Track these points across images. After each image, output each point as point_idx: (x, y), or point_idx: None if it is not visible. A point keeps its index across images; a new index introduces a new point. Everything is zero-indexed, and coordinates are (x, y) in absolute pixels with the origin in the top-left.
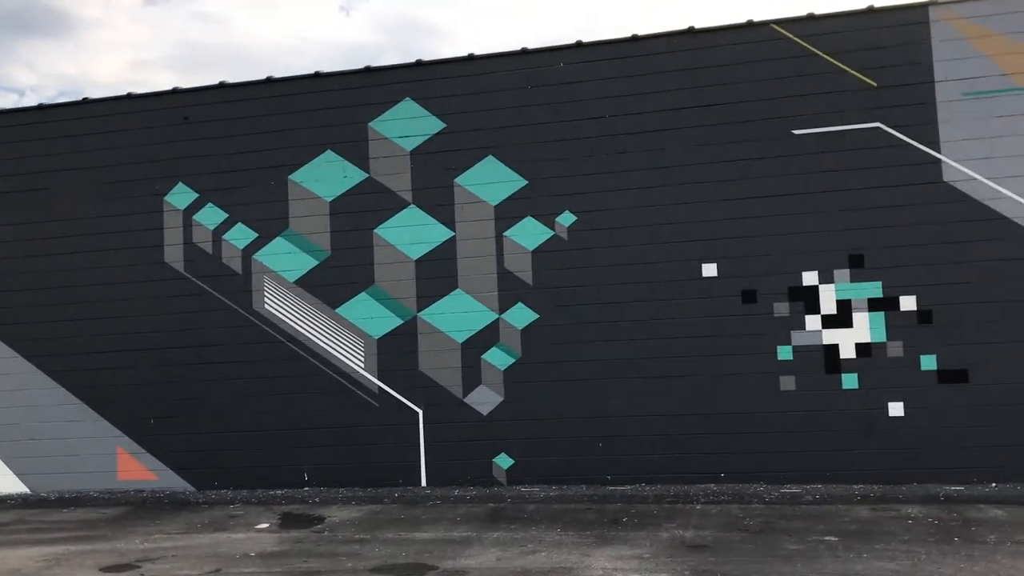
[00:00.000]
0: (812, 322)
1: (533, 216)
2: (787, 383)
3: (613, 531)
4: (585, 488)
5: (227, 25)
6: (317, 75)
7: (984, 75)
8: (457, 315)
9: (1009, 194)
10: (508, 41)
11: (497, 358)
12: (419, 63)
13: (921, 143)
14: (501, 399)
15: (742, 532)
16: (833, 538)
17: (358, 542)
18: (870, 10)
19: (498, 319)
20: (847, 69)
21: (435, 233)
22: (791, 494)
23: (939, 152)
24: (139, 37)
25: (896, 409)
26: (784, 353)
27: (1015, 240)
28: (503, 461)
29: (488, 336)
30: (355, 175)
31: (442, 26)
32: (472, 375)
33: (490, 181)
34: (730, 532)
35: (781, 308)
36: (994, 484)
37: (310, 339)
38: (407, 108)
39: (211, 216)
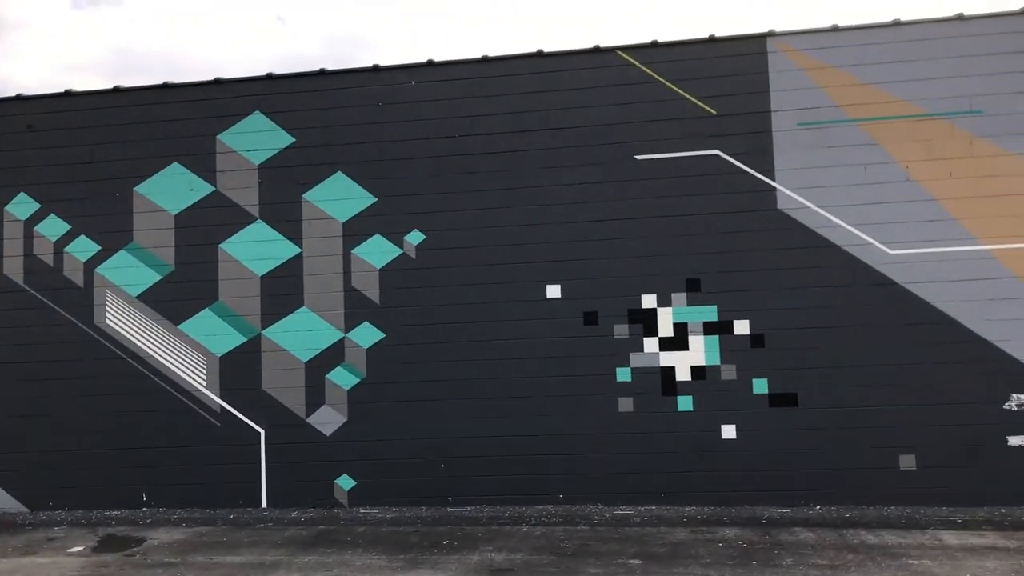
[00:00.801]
0: (650, 344)
1: (382, 234)
2: (625, 404)
3: (428, 554)
4: (425, 510)
5: (161, 31)
6: (166, 85)
7: (817, 106)
8: (302, 333)
9: (839, 222)
10: (444, 56)
11: (341, 378)
12: (269, 76)
13: (757, 171)
14: (344, 420)
15: (554, 555)
16: (637, 561)
17: (164, 566)
18: (711, 39)
19: (343, 338)
20: (688, 96)
21: (282, 249)
22: (622, 515)
23: (774, 180)
24: (70, 41)
25: (729, 431)
26: (623, 375)
27: (844, 267)
28: (345, 482)
29: (333, 355)
30: (202, 188)
31: (376, 42)
32: (316, 395)
33: (339, 197)
34: (542, 555)
35: (621, 330)
36: (818, 507)
37: (151, 356)
38: (256, 121)
39: (53, 227)
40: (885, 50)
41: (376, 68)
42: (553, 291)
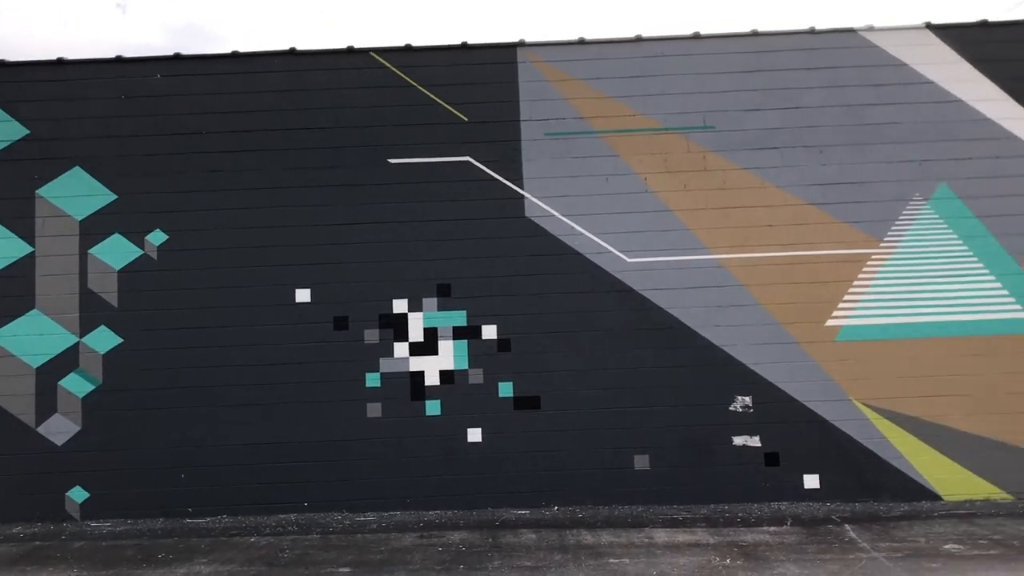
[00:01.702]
0: (400, 349)
1: (121, 233)
2: (374, 410)
3: (133, 569)
4: (162, 522)
5: None
6: None
7: (563, 117)
8: (33, 337)
9: (582, 231)
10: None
11: (75, 385)
12: (3, 63)
13: (506, 179)
14: (78, 428)
15: (265, 566)
16: (346, 570)
17: None
18: (464, 47)
19: (78, 343)
20: (441, 102)
21: (12, 248)
22: (362, 523)
23: (522, 188)
24: None
25: (475, 435)
26: (372, 380)
27: (586, 274)
28: (78, 495)
29: (66, 361)
30: None
31: (227, 35)
32: (47, 403)
33: (76, 194)
34: (252, 567)
35: (371, 335)
36: (556, 507)
37: None
38: None
39: None
40: (627, 65)
41: (120, 59)
42: (303, 295)
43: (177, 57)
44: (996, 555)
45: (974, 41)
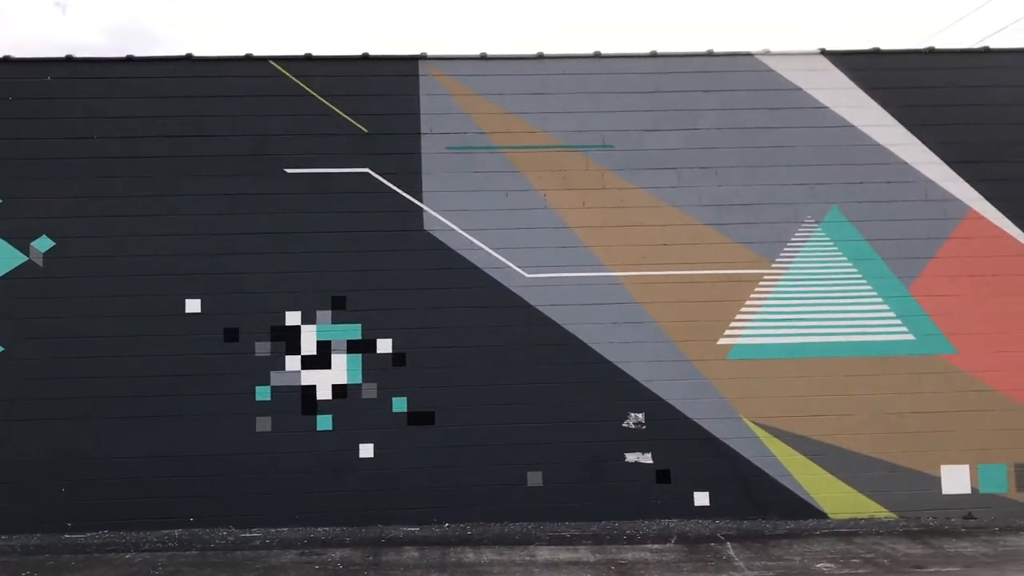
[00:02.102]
0: (292, 362)
1: (5, 238)
2: (263, 424)
3: None
4: (39, 537)
5: None
6: None
7: (465, 131)
8: None
9: (481, 245)
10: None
11: None
12: None
13: (406, 191)
14: None
15: None
16: None
17: None
18: (365, 57)
19: None
20: (340, 113)
21: None
22: (246, 539)
23: (421, 201)
24: None
25: (367, 450)
26: (262, 394)
27: (484, 289)
28: None
29: None
30: None
31: (168, 37)
32: None
33: None
34: None
35: (263, 348)
36: (447, 524)
37: None
38: None
39: None
40: (529, 82)
41: (8, 60)
42: (193, 306)
43: (69, 59)
44: (865, 573)
45: (867, 68)
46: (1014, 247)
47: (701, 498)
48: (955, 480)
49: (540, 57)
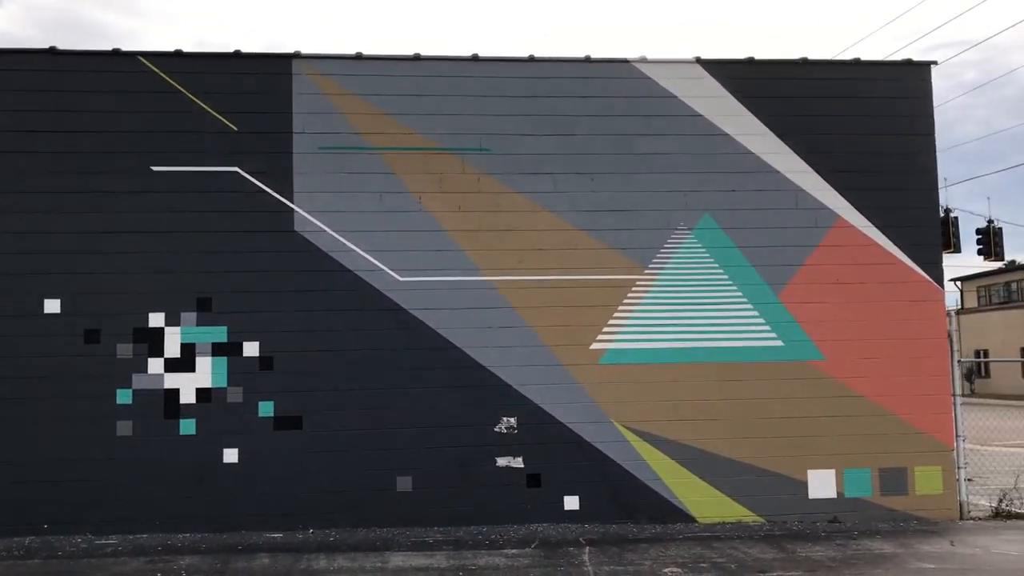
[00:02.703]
0: (155, 365)
1: None
2: (124, 428)
3: None
4: None
5: None
6: None
7: (338, 132)
8: None
9: (353, 247)
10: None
11: None
12: None
13: (276, 192)
14: None
15: None
16: None
17: None
18: (237, 55)
19: None
20: (210, 111)
21: None
22: (99, 546)
23: (292, 202)
24: None
25: (231, 456)
26: (124, 397)
27: (356, 292)
28: None
29: None
30: None
31: (114, 29)
32: None
33: None
34: None
35: (124, 350)
36: (311, 531)
37: None
38: None
39: None
40: (405, 82)
41: None
42: (52, 306)
43: None
44: None
45: (741, 77)
46: (881, 255)
47: (571, 502)
48: (821, 485)
49: (417, 58)
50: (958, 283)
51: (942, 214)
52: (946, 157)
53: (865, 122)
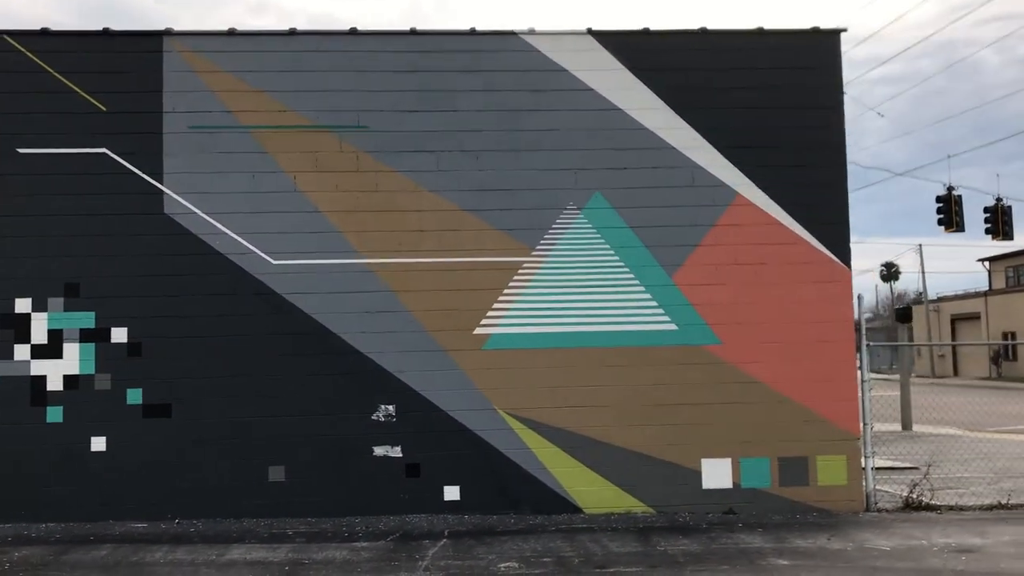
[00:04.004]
0: (21, 352)
1: None
2: None
3: None
4: None
5: None
6: None
7: (210, 110)
8: None
9: (225, 230)
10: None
11: None
12: None
13: (145, 173)
14: None
15: None
16: None
17: None
18: (106, 33)
19: None
20: (79, 91)
21: None
22: None
23: (162, 183)
24: None
25: (99, 444)
26: None
27: (227, 276)
28: None
29: None
30: None
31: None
32: None
33: None
34: None
35: None
36: (178, 521)
37: None
38: None
39: None
40: (280, 59)
41: None
42: None
43: None
44: (540, 573)
45: (636, 49)
46: (784, 235)
47: (451, 492)
48: (716, 474)
49: (292, 33)
50: (985, 263)
51: (944, 191)
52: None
53: (769, 94)
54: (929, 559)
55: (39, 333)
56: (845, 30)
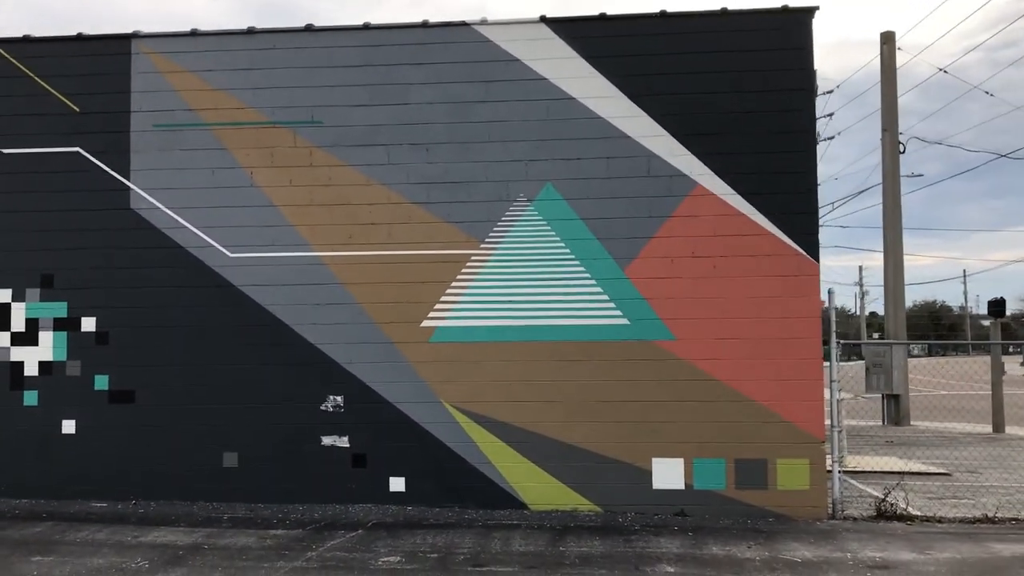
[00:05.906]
0: (2, 339)
1: None
2: None
3: None
4: None
5: None
6: None
7: (173, 109)
8: None
9: (186, 224)
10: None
11: None
12: None
13: (114, 170)
14: None
15: None
16: None
17: None
18: (79, 37)
19: None
20: (55, 92)
21: None
22: None
23: (129, 180)
24: None
25: (69, 427)
26: None
27: (188, 268)
28: None
29: None
30: None
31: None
32: None
33: None
34: None
35: None
36: (136, 502)
37: None
38: None
39: None
40: (239, 57)
41: None
42: None
43: None
44: (412, 569)
45: (590, 36)
46: (746, 226)
47: (397, 483)
48: (667, 474)
49: (251, 32)
50: None
51: None
52: None
53: (733, 79)
54: (830, 574)
55: (18, 321)
56: (818, 8)
